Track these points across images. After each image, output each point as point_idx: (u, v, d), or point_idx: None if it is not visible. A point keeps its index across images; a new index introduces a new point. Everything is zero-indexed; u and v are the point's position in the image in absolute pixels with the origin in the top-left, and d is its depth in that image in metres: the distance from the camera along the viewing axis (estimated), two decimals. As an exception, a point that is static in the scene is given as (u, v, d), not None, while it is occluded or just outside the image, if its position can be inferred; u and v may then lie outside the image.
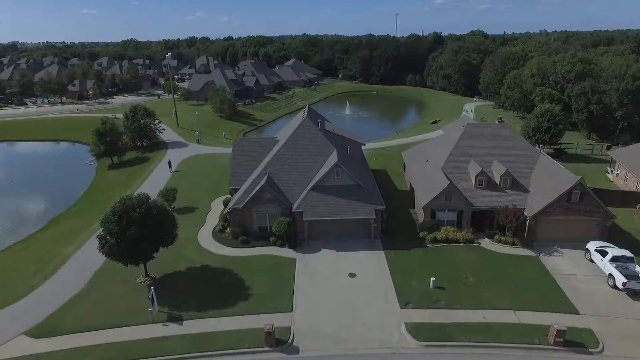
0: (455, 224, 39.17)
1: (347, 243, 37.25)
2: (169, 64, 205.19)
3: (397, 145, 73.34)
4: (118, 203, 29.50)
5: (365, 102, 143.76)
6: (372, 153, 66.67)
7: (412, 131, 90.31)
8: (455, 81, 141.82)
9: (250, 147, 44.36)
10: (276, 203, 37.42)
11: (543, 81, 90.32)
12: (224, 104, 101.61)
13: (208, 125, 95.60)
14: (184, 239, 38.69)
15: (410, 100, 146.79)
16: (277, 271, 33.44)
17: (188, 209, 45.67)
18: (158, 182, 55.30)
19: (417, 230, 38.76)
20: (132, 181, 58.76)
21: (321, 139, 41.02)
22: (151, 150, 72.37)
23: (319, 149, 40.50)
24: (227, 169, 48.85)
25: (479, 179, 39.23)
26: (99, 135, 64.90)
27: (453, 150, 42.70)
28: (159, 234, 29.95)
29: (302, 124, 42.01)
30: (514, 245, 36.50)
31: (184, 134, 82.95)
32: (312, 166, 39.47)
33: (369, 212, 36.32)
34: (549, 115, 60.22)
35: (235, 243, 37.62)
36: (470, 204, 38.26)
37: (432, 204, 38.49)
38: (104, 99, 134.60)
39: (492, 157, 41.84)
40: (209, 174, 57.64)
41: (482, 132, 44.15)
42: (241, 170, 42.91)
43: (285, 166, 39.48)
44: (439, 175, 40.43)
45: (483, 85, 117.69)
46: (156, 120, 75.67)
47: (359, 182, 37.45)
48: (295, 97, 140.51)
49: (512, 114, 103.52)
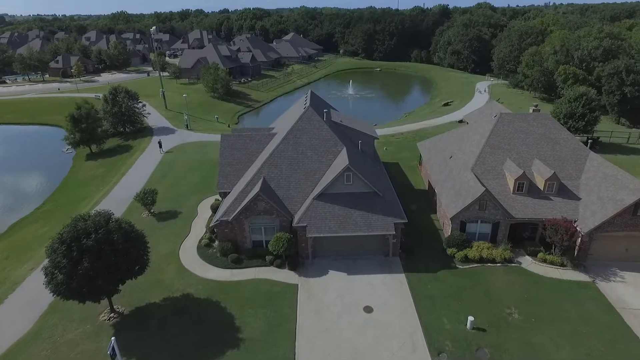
0: (489, 238, 32.61)
1: (360, 263, 30.74)
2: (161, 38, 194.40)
3: (409, 131, 66.04)
4: (68, 227, 22.71)
5: (368, 80, 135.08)
6: (380, 141, 59.45)
7: (422, 114, 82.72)
8: (465, 58, 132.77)
9: (241, 141, 37.22)
10: (273, 214, 30.66)
11: (567, 59, 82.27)
12: (217, 83, 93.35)
13: (199, 106, 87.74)
14: (162, 255, 32.20)
15: (417, 78, 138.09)
16: (275, 304, 27.00)
17: (170, 214, 38.91)
18: (139, 177, 48.34)
19: (444, 246, 32.20)
20: (110, 174, 51.73)
21: (327, 133, 33.87)
22: (135, 137, 64.98)
23: (325, 146, 33.41)
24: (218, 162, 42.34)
25: (520, 183, 32.39)
26: (73, 121, 57.40)
27: (485, 146, 35.67)
28: (121, 265, 23.27)
29: (304, 114, 34.74)
30: (563, 266, 30.03)
31: (172, 118, 75.29)
32: (317, 168, 32.50)
33: (387, 227, 29.63)
34: (584, 100, 52.85)
35: (225, 262, 31.06)
36: (509, 214, 31.56)
37: (462, 215, 31.78)
38: (89, 76, 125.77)
39: (532, 155, 34.88)
40: (197, 166, 50.59)
41: (518, 123, 36.99)
42: (231, 169, 35.96)
43: (284, 168, 32.50)
44: (469, 177, 33.55)
45: (497, 63, 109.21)
46: (140, 103, 67.91)
47: (374, 189, 30.60)
48: (293, 74, 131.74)
49: (529, 94, 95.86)
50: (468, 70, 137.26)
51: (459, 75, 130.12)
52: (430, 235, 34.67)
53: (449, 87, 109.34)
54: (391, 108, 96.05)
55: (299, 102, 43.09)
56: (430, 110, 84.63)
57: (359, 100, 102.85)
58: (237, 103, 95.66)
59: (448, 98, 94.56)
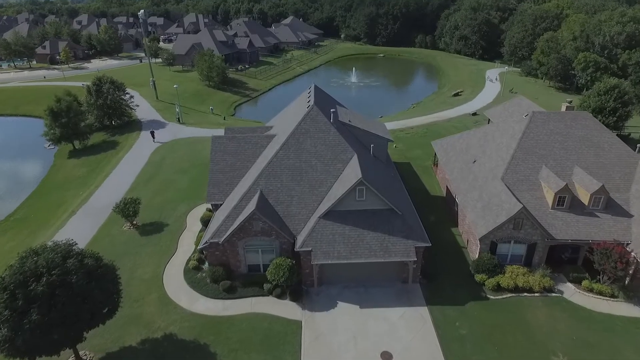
0: (523, 260, 28.07)
1: (374, 292, 26.23)
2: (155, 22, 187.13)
3: (419, 125, 60.94)
4: (13, 267, 18.05)
5: (371, 66, 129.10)
6: (389, 137, 54.58)
7: (431, 105, 77.41)
8: (473, 43, 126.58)
9: (235, 144, 32.31)
10: (272, 235, 26.00)
11: (586, 45, 76.74)
12: (212, 70, 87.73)
13: (193, 96, 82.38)
14: (143, 281, 27.66)
15: (422, 65, 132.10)
16: (274, 348, 22.54)
17: (155, 227, 34.23)
18: (123, 180, 43.52)
19: (471, 270, 27.65)
20: (93, 176, 46.85)
21: (335, 137, 28.94)
22: (122, 132, 59.87)
23: (333, 152, 28.54)
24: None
25: (561, 197, 27.68)
26: (53, 115, 52.25)
27: (516, 151, 30.84)
28: (83, 314, 18.68)
29: (308, 115, 29.74)
30: (614, 297, 25.57)
31: (164, 109, 70.02)
32: (323, 179, 27.69)
33: (408, 252, 25.01)
34: (616, 93, 47.76)
35: (215, 290, 26.53)
36: (549, 235, 26.94)
37: (493, 235, 27.17)
38: (78, 63, 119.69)
39: (571, 162, 30.11)
40: (188, 167, 45.70)
41: (554, 123, 32.06)
42: (223, 177, 31.15)
43: (285, 179, 27.68)
44: (500, 189, 28.83)
45: (508, 49, 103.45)
46: (127, 94, 62.56)
47: (391, 206, 25.88)
48: (293, 61, 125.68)
49: (543, 83, 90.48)
50: (475, 56, 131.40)
51: (466, 61, 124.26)
52: (453, 254, 30.10)
53: (457, 75, 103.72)
54: (397, 98, 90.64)
55: (301, 98, 38.00)
56: (440, 101, 79.31)
57: (363, 89, 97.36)
58: (234, 92, 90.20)
59: (457, 87, 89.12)
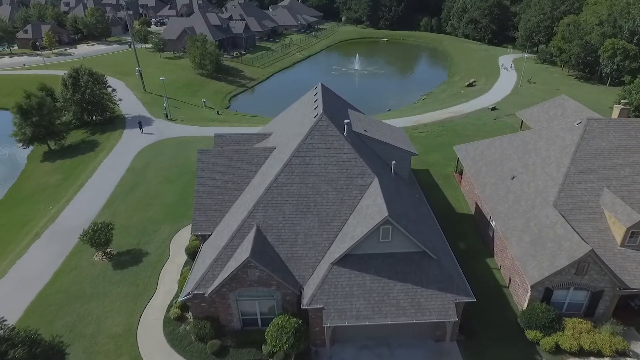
0: (583, 310, 22.71)
1: (401, 354, 20.88)
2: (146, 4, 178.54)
3: (433, 121, 54.94)
4: None
5: (374, 51, 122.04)
6: (402, 137, 48.71)
7: (443, 97, 71.22)
8: (483, 27, 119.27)
9: (225, 160, 26.54)
10: (272, 286, 20.48)
11: (614, 31, 70.23)
12: (204, 58, 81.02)
13: (185, 87, 75.93)
14: (111, 337, 22.31)
15: (429, 51, 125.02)
16: None
17: (132, 257, 28.66)
18: (99, 191, 37.74)
19: (519, 323, 22.26)
20: (67, 184, 41.05)
21: (350, 155, 23.15)
22: (103, 130, 53.75)
23: (348, 175, 22.77)
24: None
25: (634, 232, 22.14)
26: (22, 113, 46.18)
27: (570, 169, 25.17)
28: None
29: (316, 127, 23.84)
30: None
31: (151, 103, 63.71)
32: (336, 210, 22.01)
33: (447, 311, 19.52)
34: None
35: (202, 352, 21.14)
36: (621, 282, 21.50)
37: (549, 281, 21.72)
38: (63, 48, 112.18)
39: (637, 183, 24.52)
40: (175, 177, 39.89)
41: (614, 133, 26.34)
42: (211, 202, 25.48)
43: (288, 210, 21.98)
44: (554, 219, 23.25)
45: (523, 34, 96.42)
46: (109, 87, 56.19)
47: (424, 249, 20.30)
48: (292, 46, 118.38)
49: (561, 71, 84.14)
50: (484, 41, 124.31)
51: (476, 47, 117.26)
52: (493, 296, 24.70)
53: (467, 62, 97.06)
54: (404, 87, 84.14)
55: (306, 99, 31.88)
56: (452, 93, 73.06)
57: (367, 78, 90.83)
58: (229, 82, 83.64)
59: (469, 76, 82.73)
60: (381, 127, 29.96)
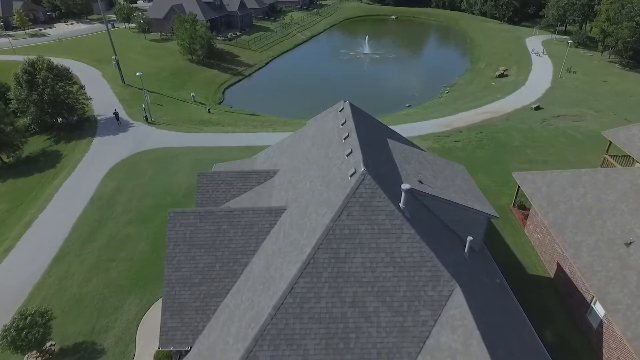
0: None
1: None
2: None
3: (468, 126, 45.58)
4: None
5: (382, 31, 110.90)
6: (429, 145, 39.57)
7: (472, 91, 61.42)
8: (504, 4, 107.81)
9: (210, 228, 17.57)
10: None
11: (673, 12, 60.09)
12: (194, 42, 70.55)
13: (172, 77, 65.93)
14: None
15: (444, 31, 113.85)
16: None
17: (80, 358, 20.01)
18: (52, 234, 28.68)
19: None
20: (11, 221, 31.79)
21: (412, 245, 14.12)
22: (70, 137, 44.26)
23: (409, 280, 13.78)
24: (190, 191, 24.63)
25: None
26: (-40, 122, 36.74)
27: None
28: None
29: (356, 196, 14.68)
30: None
31: (130, 100, 53.89)
32: (394, 347, 13.17)
33: None
34: None
35: None
36: None
37: None
38: (38, 28, 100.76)
39: None
40: (151, 211, 30.74)
41: None
42: (188, 296, 16.68)
43: (313, 346, 13.09)
44: None
45: (555, 12, 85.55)
46: (74, 83, 46.38)
47: None
48: (293, 25, 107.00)
49: (602, 58, 74.06)
50: (504, 19, 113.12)
51: (496, 26, 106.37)
52: None
53: (491, 45, 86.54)
54: (422, 76, 74.01)
55: (326, 124, 22.24)
56: (481, 85, 63.21)
57: (378, 63, 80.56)
58: (223, 69, 73.40)
59: (497, 63, 72.74)
60: (437, 168, 20.78)
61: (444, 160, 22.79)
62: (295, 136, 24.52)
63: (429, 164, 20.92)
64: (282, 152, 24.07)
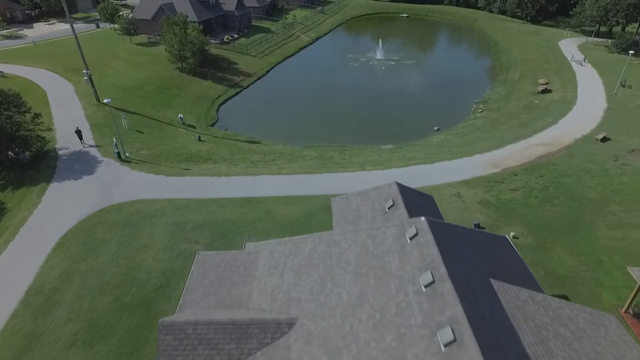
0: None
1: None
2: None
3: (522, 165, 36.18)
4: None
5: (394, 32, 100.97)
6: (481, 198, 30.14)
7: (512, 111, 51.74)
8: (529, 2, 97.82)
9: None
10: None
11: None
12: (185, 48, 60.98)
13: (158, 90, 56.56)
14: None
15: (462, 31, 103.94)
16: None
17: None
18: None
19: None
20: None
21: None
22: (19, 183, 34.82)
23: None
24: (163, 281, 15.26)
25: None
26: None
27: None
28: None
29: None
30: None
31: (104, 125, 44.32)
32: None
33: None
34: None
35: None
36: None
37: None
38: (16, 28, 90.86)
39: None
40: (107, 320, 21.47)
41: None
42: None
43: None
44: None
45: (596, 12, 75.61)
46: (29, 111, 36.95)
47: None
48: (296, 25, 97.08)
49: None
50: (527, 18, 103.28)
51: (520, 27, 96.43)
52: None
53: (520, 51, 76.70)
54: (446, 87, 64.30)
55: (374, 240, 13.16)
56: (522, 103, 53.54)
57: (394, 71, 70.91)
58: (217, 79, 63.84)
59: (531, 73, 63.20)
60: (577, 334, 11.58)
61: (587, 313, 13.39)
62: (319, 246, 15.18)
63: (564, 328, 11.64)
64: (299, 269, 14.76)
